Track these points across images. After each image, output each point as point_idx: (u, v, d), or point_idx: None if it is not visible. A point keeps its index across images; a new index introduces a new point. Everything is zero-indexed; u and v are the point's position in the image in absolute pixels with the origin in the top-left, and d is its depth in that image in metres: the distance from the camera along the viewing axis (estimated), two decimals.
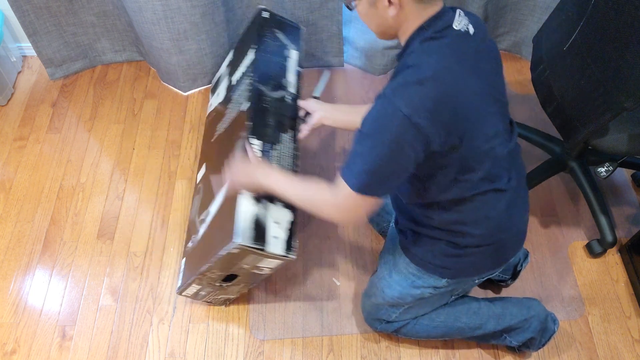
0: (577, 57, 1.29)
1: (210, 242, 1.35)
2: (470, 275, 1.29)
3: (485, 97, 1.06)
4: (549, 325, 1.40)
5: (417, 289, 1.30)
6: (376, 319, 1.44)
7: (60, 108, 2.07)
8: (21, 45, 2.20)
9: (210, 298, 1.53)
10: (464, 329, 1.39)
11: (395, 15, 1.04)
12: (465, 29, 1.05)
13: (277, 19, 1.65)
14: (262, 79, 1.47)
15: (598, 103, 1.26)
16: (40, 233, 1.76)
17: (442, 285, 1.28)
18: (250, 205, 1.25)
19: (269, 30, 1.60)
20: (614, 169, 1.51)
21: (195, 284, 1.44)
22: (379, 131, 0.99)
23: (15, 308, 1.61)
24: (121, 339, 1.55)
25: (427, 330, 1.41)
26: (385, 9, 1.04)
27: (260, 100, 1.43)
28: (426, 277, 1.28)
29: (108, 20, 2.01)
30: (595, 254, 1.65)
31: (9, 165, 1.92)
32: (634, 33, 1.10)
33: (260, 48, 1.54)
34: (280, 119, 1.43)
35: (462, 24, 1.05)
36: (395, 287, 1.33)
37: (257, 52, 1.53)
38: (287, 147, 1.40)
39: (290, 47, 1.59)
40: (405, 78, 0.99)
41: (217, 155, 1.55)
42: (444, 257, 1.23)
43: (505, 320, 1.38)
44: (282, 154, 1.38)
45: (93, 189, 1.85)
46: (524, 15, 1.98)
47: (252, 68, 1.50)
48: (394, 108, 0.96)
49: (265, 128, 1.39)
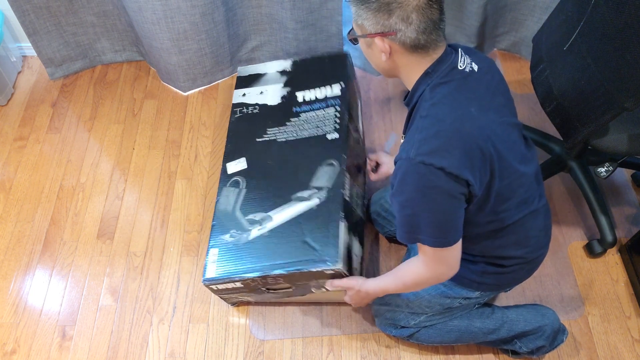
0: (577, 57, 1.29)
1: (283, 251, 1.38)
2: (504, 288, 1.30)
3: (505, 127, 1.06)
4: (559, 335, 1.41)
5: (447, 298, 1.30)
6: (391, 324, 1.42)
7: (60, 108, 2.07)
8: (21, 45, 2.20)
9: (234, 297, 1.53)
10: (477, 333, 1.39)
11: (387, 61, 1.05)
12: (470, 68, 1.04)
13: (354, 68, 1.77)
14: (350, 118, 1.58)
15: (598, 103, 1.26)
16: (40, 233, 1.76)
17: (474, 296, 1.28)
18: (345, 234, 1.36)
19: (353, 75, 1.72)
20: (614, 169, 1.51)
21: (240, 282, 1.43)
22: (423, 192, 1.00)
23: (15, 308, 1.61)
24: (121, 339, 1.55)
25: (440, 335, 1.40)
26: (379, 53, 1.04)
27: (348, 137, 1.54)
28: (458, 288, 1.27)
29: (108, 20, 2.01)
30: (595, 254, 1.65)
31: (9, 165, 1.92)
32: (634, 33, 1.10)
33: (347, 87, 1.63)
34: (358, 161, 1.57)
35: (466, 63, 1.04)
36: (423, 296, 1.32)
37: (343, 90, 1.62)
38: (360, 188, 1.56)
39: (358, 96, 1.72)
40: (425, 132, 0.99)
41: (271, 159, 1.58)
42: (483, 275, 1.23)
43: (518, 326, 1.38)
44: (358, 194, 1.53)
45: (93, 189, 1.85)
46: (523, 15, 1.98)
47: (340, 102, 1.59)
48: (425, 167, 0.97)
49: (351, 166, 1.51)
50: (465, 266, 1.23)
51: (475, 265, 1.22)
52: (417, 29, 0.98)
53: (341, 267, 1.29)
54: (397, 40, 1.00)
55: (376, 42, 1.01)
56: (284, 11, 1.84)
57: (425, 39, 0.99)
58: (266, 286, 1.41)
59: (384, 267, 1.65)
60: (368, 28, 1.02)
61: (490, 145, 1.01)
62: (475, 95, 1.03)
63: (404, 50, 1.01)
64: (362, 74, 2.12)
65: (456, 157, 0.97)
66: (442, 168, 0.97)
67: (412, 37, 0.99)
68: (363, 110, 2.02)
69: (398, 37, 0.99)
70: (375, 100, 2.05)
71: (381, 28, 0.99)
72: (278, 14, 1.87)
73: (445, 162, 0.97)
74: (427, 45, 1.00)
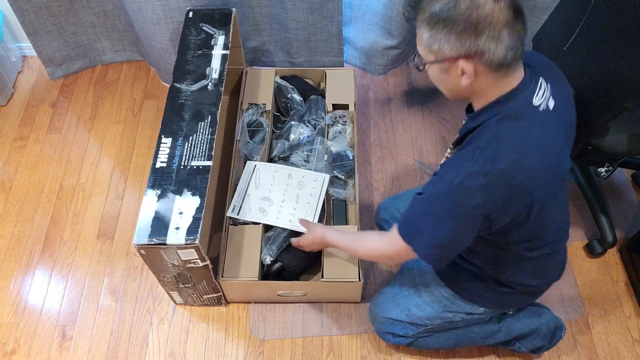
0: (577, 57, 1.29)
1: None
2: (511, 307, 1.30)
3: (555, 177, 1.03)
4: (557, 332, 1.41)
5: (450, 313, 1.28)
6: (389, 333, 1.41)
7: (60, 108, 2.07)
8: (21, 45, 2.20)
9: (198, 301, 1.54)
10: (475, 338, 1.39)
11: (469, 85, 0.97)
12: (545, 107, 0.99)
13: (202, 12, 1.69)
14: (178, 79, 1.53)
15: (598, 103, 1.26)
16: (40, 233, 1.76)
17: (479, 312, 1.27)
18: (153, 203, 1.30)
19: (194, 27, 1.66)
20: (614, 169, 1.51)
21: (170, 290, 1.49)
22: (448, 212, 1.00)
23: (15, 308, 1.61)
24: (121, 339, 1.55)
25: (439, 342, 1.40)
26: (458, 78, 0.96)
27: (176, 99, 1.49)
28: (461, 303, 1.26)
29: (108, 20, 2.01)
30: (595, 254, 1.65)
31: (9, 165, 1.92)
32: (634, 33, 1.10)
33: (181, 48, 1.60)
34: (199, 108, 1.47)
35: (543, 99, 0.99)
36: (425, 309, 1.31)
37: (179, 53, 1.59)
38: (203, 135, 1.42)
39: (218, 35, 1.63)
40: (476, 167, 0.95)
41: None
42: (490, 292, 1.22)
43: (516, 328, 1.38)
44: (197, 143, 1.40)
45: (93, 189, 1.85)
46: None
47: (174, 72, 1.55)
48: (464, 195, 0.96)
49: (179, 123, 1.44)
50: (475, 283, 1.22)
51: (484, 283, 1.21)
52: (507, 46, 0.91)
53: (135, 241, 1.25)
54: (483, 61, 0.92)
55: (460, 65, 0.93)
56: (284, 11, 1.84)
57: (512, 56, 0.93)
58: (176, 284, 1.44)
59: (383, 267, 1.65)
60: (448, 52, 0.93)
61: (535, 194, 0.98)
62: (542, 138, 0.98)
63: (489, 71, 0.94)
64: (362, 74, 2.12)
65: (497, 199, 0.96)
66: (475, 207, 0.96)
67: (500, 56, 0.92)
68: (363, 111, 2.02)
69: (485, 58, 0.92)
70: (375, 100, 2.05)
71: (466, 50, 0.91)
72: (278, 14, 1.87)
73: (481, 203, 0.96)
74: (512, 63, 0.94)
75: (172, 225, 1.25)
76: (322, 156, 1.65)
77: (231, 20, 1.66)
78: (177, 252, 1.26)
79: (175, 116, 1.44)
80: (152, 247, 1.24)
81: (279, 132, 1.79)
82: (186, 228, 1.24)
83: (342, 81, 1.85)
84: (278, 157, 1.71)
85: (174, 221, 1.26)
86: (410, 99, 2.06)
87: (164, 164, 1.35)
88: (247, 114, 1.75)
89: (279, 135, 1.77)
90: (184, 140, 1.39)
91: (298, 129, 1.72)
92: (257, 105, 1.78)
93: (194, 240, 1.23)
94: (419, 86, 2.09)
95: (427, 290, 1.30)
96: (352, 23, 2.01)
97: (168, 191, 1.31)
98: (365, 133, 1.96)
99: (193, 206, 1.28)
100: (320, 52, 1.99)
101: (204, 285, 1.44)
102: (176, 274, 1.37)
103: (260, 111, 1.77)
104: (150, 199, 1.29)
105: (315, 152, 1.66)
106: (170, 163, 1.35)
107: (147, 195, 1.30)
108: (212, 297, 1.52)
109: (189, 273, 1.36)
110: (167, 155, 1.37)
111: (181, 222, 1.25)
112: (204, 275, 1.38)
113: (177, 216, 1.26)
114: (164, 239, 1.23)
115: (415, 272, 1.35)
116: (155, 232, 1.24)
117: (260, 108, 1.78)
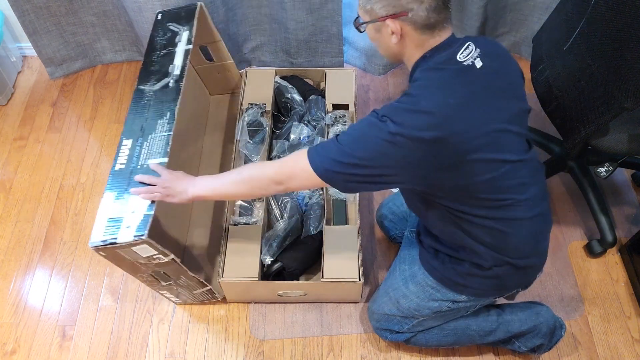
0: (577, 57, 1.29)
1: None
2: (492, 295, 1.28)
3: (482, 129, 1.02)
4: (556, 330, 1.40)
5: (435, 301, 1.29)
6: (386, 329, 1.42)
7: (60, 108, 2.07)
8: (21, 45, 2.20)
9: (192, 297, 1.54)
10: (474, 336, 1.39)
11: (397, 43, 1.08)
12: (470, 63, 1.04)
13: (171, 12, 1.68)
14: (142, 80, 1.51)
15: (598, 103, 1.26)
16: (40, 233, 1.76)
17: (462, 300, 1.27)
18: (110, 205, 1.28)
19: (162, 28, 1.64)
20: (614, 169, 1.51)
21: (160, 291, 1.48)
22: (362, 137, 1.03)
23: (15, 308, 1.61)
24: (121, 339, 1.55)
25: (437, 339, 1.40)
26: (389, 37, 1.07)
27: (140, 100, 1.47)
28: (445, 290, 1.26)
29: (108, 20, 2.01)
30: (595, 254, 1.65)
31: (9, 165, 1.92)
32: (634, 33, 1.10)
33: (148, 51, 1.58)
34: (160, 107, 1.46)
35: (468, 57, 1.04)
36: (411, 299, 1.31)
37: (145, 56, 1.57)
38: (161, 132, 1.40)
39: (182, 31, 1.61)
40: (401, 103, 1.01)
41: None
42: (467, 277, 1.22)
43: (514, 326, 1.38)
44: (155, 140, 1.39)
45: (93, 189, 1.85)
46: (524, 15, 1.98)
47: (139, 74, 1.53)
48: (383, 124, 1.00)
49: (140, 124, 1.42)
50: (451, 267, 1.22)
51: (461, 266, 1.21)
52: (429, 7, 1.01)
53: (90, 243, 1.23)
54: (408, 21, 1.03)
55: (388, 24, 1.04)
56: (284, 11, 1.84)
57: (435, 18, 1.03)
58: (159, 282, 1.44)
59: (383, 267, 1.65)
60: (378, 11, 1.05)
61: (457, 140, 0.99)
62: (465, 91, 1.02)
63: (414, 30, 1.04)
64: (362, 74, 2.12)
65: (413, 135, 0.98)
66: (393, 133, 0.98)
67: (423, 15, 1.02)
68: (363, 111, 2.02)
69: (410, 17, 1.02)
70: (375, 100, 2.05)
71: (393, 9, 1.03)
72: (278, 14, 1.87)
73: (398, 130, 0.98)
74: (436, 24, 1.04)
75: (124, 224, 1.24)
76: None
77: (195, 15, 1.63)
78: (132, 250, 1.25)
79: (137, 117, 1.43)
80: (107, 247, 1.23)
81: (279, 132, 1.79)
82: (136, 225, 1.24)
83: (342, 81, 1.85)
84: (278, 157, 1.71)
85: (126, 220, 1.25)
86: None
87: (123, 165, 1.35)
88: (247, 114, 1.75)
89: (279, 135, 1.77)
90: (143, 139, 1.38)
91: (298, 129, 1.72)
92: (257, 105, 1.78)
93: (142, 236, 1.21)
94: None
95: (414, 281, 1.31)
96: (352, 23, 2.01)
97: (124, 192, 1.30)
98: None
99: (145, 204, 1.27)
100: (320, 52, 1.99)
101: (185, 280, 1.43)
102: (151, 272, 1.37)
103: (260, 111, 1.77)
104: (106, 201, 1.29)
105: None
106: (129, 164, 1.35)
107: (104, 198, 1.29)
108: (203, 291, 1.51)
109: (161, 269, 1.36)
110: (127, 156, 1.36)
111: (132, 221, 1.25)
112: (178, 271, 1.37)
113: (129, 215, 1.26)
114: (115, 237, 1.22)
115: (405, 266, 1.35)
116: (108, 232, 1.24)
117: (260, 108, 1.78)
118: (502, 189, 1.07)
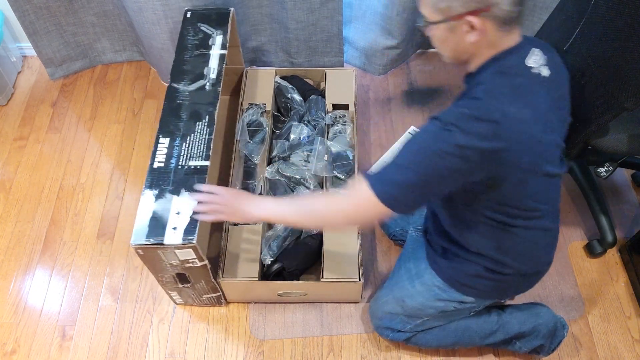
0: (577, 57, 1.29)
1: None
2: (500, 297, 1.29)
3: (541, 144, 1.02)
4: (557, 331, 1.40)
5: (441, 302, 1.28)
6: (387, 328, 1.42)
7: (60, 108, 2.07)
8: (21, 45, 2.20)
9: (198, 300, 1.54)
10: (474, 337, 1.39)
11: (475, 41, 1.00)
12: (538, 71, 1.01)
13: (200, 12, 1.70)
14: (176, 79, 1.52)
15: (598, 103, 1.26)
16: (40, 233, 1.76)
17: (469, 301, 1.27)
18: (151, 203, 1.29)
19: (192, 27, 1.66)
20: (614, 169, 1.51)
21: (170, 290, 1.48)
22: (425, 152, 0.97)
23: (15, 308, 1.61)
24: (121, 339, 1.55)
25: (438, 340, 1.40)
26: (465, 35, 1.00)
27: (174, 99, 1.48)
28: (452, 291, 1.26)
29: (108, 20, 2.01)
30: (595, 254, 1.65)
31: (9, 165, 1.92)
32: (634, 33, 1.10)
33: (179, 48, 1.60)
34: (197, 108, 1.46)
35: (538, 64, 1.01)
36: (417, 298, 1.31)
37: (177, 53, 1.59)
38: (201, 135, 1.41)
39: (215, 34, 1.63)
40: (471, 109, 0.96)
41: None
42: (477, 278, 1.21)
43: (514, 327, 1.37)
44: (195, 143, 1.40)
45: (93, 189, 1.85)
46: (523, 15, 1.98)
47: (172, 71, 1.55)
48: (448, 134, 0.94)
49: (177, 123, 1.43)
50: (460, 268, 1.22)
51: (471, 267, 1.20)
52: (511, 0, 0.95)
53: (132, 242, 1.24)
54: (489, 16, 0.96)
55: (469, 21, 0.96)
56: (285, 11, 1.84)
57: (516, 13, 0.97)
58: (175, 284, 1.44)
59: (383, 267, 1.65)
60: (457, 9, 0.97)
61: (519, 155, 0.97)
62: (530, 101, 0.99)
63: (494, 26, 0.97)
64: (363, 74, 2.12)
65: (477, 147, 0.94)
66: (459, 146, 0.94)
67: (505, 9, 0.95)
68: (363, 111, 2.02)
69: (491, 12, 0.95)
70: (375, 100, 2.05)
71: (475, 5, 0.95)
72: (278, 14, 1.87)
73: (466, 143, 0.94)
74: (515, 20, 0.98)
75: (170, 225, 1.25)
76: (322, 156, 1.65)
77: (229, 20, 1.66)
78: (174, 252, 1.26)
79: (173, 116, 1.44)
80: (150, 247, 1.24)
81: (279, 132, 1.79)
82: (184, 228, 1.24)
83: (342, 81, 1.85)
84: (278, 157, 1.71)
85: (172, 221, 1.25)
86: (410, 99, 2.06)
87: (162, 164, 1.35)
88: (247, 114, 1.75)
89: (279, 135, 1.77)
90: (182, 140, 1.39)
91: (298, 129, 1.72)
92: (257, 105, 1.78)
93: (192, 240, 1.22)
94: (419, 86, 2.09)
95: (420, 280, 1.31)
96: (352, 23, 2.01)
97: (166, 191, 1.30)
98: (365, 133, 1.96)
99: (191, 206, 1.28)
100: (320, 52, 1.99)
101: (203, 285, 1.44)
102: (174, 274, 1.37)
103: (260, 111, 1.77)
104: (147, 199, 1.29)
105: (315, 152, 1.66)
106: (168, 163, 1.35)
107: (145, 195, 1.30)
108: (212, 296, 1.52)
109: (188, 273, 1.36)
110: (165, 155, 1.37)
111: (179, 222, 1.25)
112: (203, 275, 1.38)
113: (174, 216, 1.26)
114: (162, 239, 1.23)
115: (411, 264, 1.35)
116: (152, 232, 1.24)
117: (260, 108, 1.78)
118: (542, 201, 1.09)
